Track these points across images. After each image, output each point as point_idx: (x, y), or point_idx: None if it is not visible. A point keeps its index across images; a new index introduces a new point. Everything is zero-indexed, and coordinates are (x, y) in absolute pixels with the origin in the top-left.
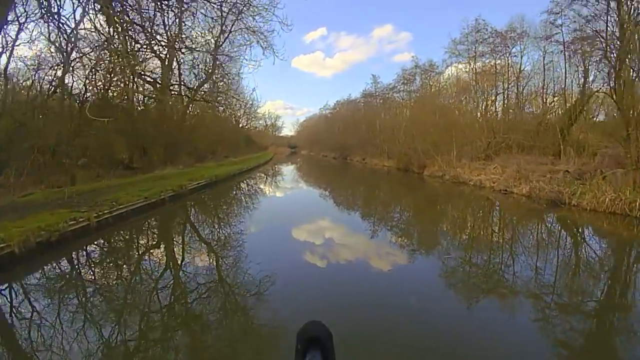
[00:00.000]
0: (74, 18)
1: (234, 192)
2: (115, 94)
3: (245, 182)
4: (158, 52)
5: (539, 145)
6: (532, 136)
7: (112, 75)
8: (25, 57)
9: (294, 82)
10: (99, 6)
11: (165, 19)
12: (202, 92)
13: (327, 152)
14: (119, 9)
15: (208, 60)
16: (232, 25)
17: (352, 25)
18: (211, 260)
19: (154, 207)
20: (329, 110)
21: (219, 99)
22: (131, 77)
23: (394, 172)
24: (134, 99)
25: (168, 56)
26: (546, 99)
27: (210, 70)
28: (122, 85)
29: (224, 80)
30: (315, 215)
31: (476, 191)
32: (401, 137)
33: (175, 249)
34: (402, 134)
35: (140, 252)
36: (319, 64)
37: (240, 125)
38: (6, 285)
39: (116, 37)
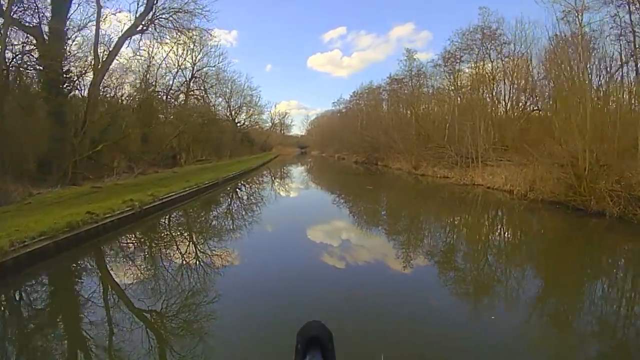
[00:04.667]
0: None
1: None
2: None
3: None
4: None
5: None
6: None
7: None
8: None
9: (309, 82)
10: None
11: None
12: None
13: (345, 153)
14: None
15: None
16: None
17: (372, 23)
18: None
19: None
20: (344, 105)
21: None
22: None
23: (554, 213)
24: None
25: None
26: None
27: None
28: None
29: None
30: None
31: None
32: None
33: None
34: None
35: None
36: (335, 63)
37: (238, 122)
38: None
39: None
